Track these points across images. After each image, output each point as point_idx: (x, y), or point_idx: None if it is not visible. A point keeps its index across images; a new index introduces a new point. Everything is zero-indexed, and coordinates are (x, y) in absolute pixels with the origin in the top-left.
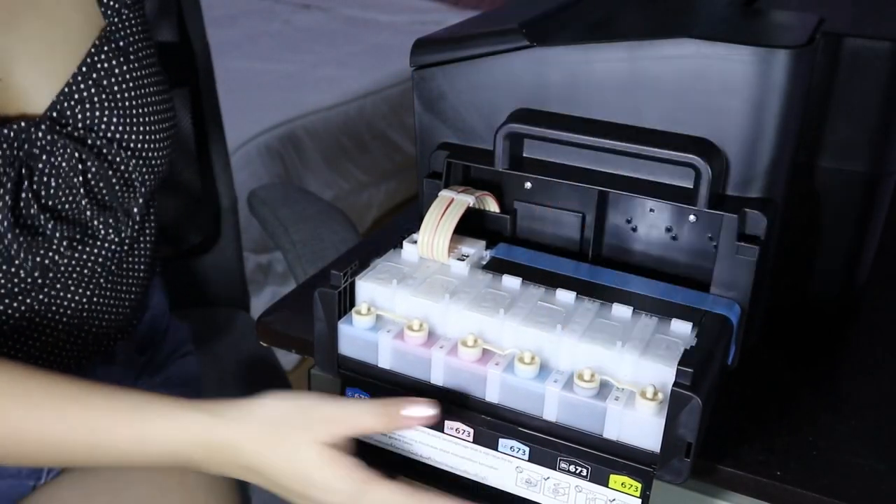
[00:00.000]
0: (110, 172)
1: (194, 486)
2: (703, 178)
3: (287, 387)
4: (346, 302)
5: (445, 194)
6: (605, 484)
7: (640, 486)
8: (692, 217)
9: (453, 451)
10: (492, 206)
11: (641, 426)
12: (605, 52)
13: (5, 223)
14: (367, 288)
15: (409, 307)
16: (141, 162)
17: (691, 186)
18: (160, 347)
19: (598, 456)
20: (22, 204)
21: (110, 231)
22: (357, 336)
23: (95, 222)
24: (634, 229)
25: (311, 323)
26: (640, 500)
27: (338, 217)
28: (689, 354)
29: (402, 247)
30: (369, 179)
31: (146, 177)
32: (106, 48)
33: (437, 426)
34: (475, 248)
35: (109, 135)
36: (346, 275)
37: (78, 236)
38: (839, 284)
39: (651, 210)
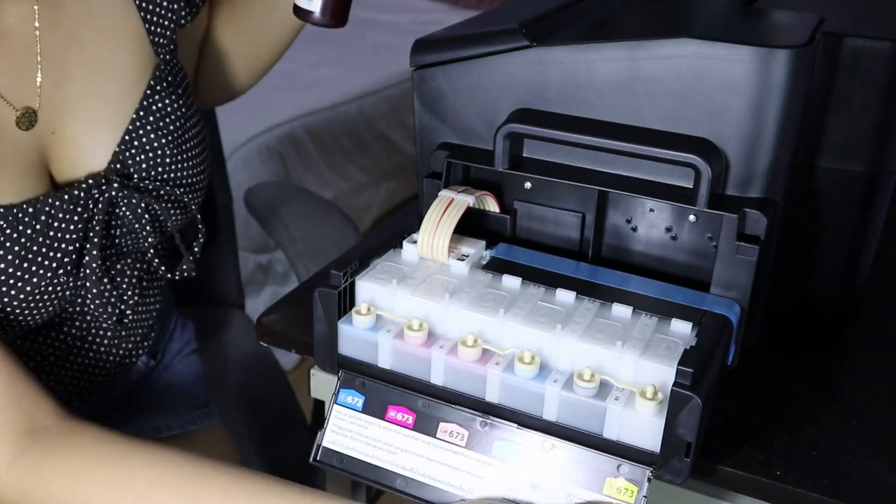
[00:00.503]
0: (169, 212)
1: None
2: (703, 178)
3: (287, 387)
4: (346, 302)
5: (445, 194)
6: (598, 491)
7: (635, 490)
8: (692, 217)
9: (441, 458)
10: (492, 206)
11: (641, 426)
12: (605, 52)
13: (96, 280)
14: (367, 288)
15: (409, 307)
16: (191, 191)
17: (691, 186)
18: (168, 348)
19: (595, 457)
20: (84, 262)
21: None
22: (357, 336)
23: (158, 260)
24: (634, 229)
25: (311, 323)
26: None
27: (338, 215)
28: (689, 354)
29: (402, 247)
30: (369, 179)
31: (195, 199)
32: (159, 87)
33: (430, 430)
34: (475, 248)
35: (166, 175)
36: (346, 275)
37: (146, 277)
38: (839, 284)
39: (651, 210)
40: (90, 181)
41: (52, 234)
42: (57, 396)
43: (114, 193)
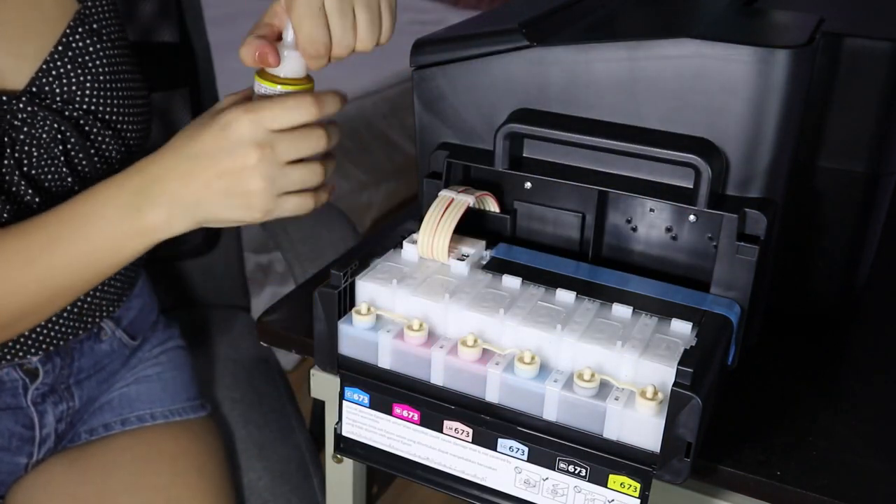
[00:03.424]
0: (87, 144)
1: (184, 468)
2: (703, 178)
3: (287, 387)
4: (346, 302)
5: (445, 194)
6: (603, 484)
7: (639, 486)
8: (692, 217)
9: (452, 451)
10: (492, 206)
11: (641, 426)
12: (605, 52)
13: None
14: (367, 288)
15: (409, 307)
16: (115, 134)
17: (691, 186)
18: (149, 338)
19: (596, 456)
20: (4, 171)
21: None
22: (357, 336)
23: (74, 194)
24: (634, 229)
25: (311, 323)
26: (638, 501)
27: (337, 216)
28: (689, 354)
29: (402, 247)
30: (369, 179)
31: (122, 149)
32: (80, 29)
33: (436, 426)
34: (475, 248)
35: (86, 107)
36: (345, 275)
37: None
38: (839, 284)
39: (651, 210)
40: (3, 97)
41: None
42: (13, 341)
43: (22, 107)
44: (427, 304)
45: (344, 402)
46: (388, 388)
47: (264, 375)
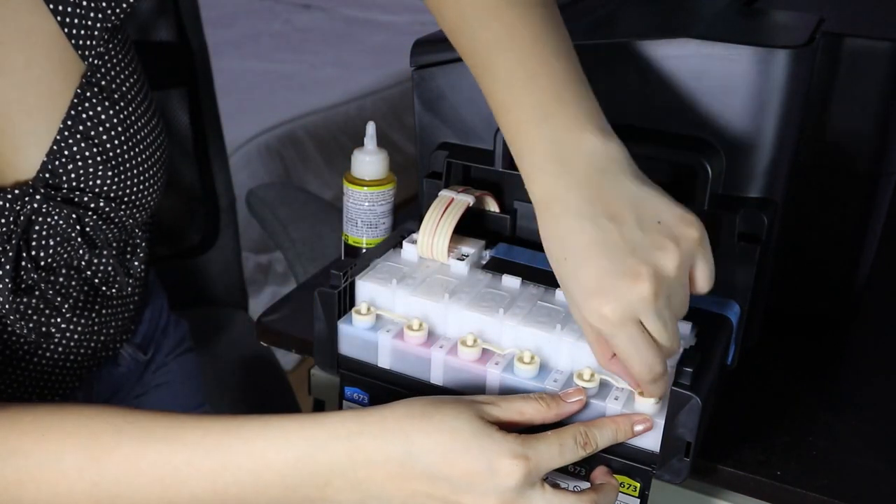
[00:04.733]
0: (102, 223)
1: None
2: (703, 178)
3: (287, 387)
4: (346, 302)
5: (445, 194)
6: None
7: (638, 485)
8: None
9: None
10: (492, 206)
11: None
12: (605, 51)
13: (6, 292)
14: (367, 288)
15: (409, 307)
16: (133, 209)
17: (691, 186)
18: (161, 345)
19: (596, 456)
20: (23, 272)
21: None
22: (357, 336)
23: (86, 260)
24: None
25: (311, 323)
26: (638, 500)
27: (337, 215)
28: (689, 354)
29: (401, 247)
30: None
31: (138, 217)
32: (89, 93)
33: None
34: (475, 248)
35: (97, 189)
36: (345, 274)
37: (88, 290)
38: (839, 284)
39: None
40: (16, 191)
41: None
42: (21, 392)
43: (37, 205)
44: (427, 303)
45: (344, 401)
46: (387, 388)
47: (264, 375)
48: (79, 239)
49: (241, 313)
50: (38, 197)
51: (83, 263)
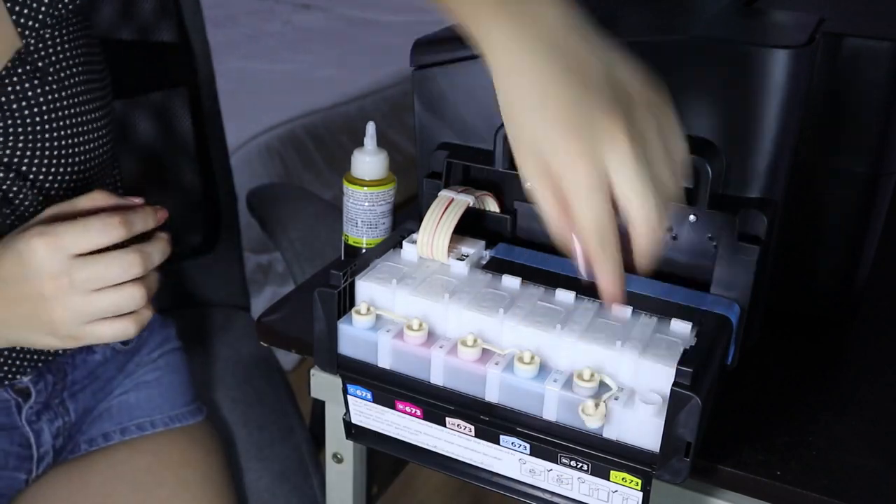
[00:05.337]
0: (2, 200)
1: (188, 477)
2: (703, 178)
3: (287, 387)
4: (346, 302)
5: (445, 194)
6: (606, 478)
7: (640, 480)
8: (692, 217)
9: (458, 442)
10: (492, 206)
11: (641, 426)
12: None
13: None
14: (367, 288)
15: (409, 307)
16: (39, 192)
17: (691, 186)
18: (146, 341)
19: (596, 455)
20: None
21: None
22: (357, 336)
23: None
24: None
25: (311, 323)
26: (641, 494)
27: (337, 216)
28: (689, 354)
29: (401, 247)
30: None
31: (40, 207)
32: (20, 70)
33: (439, 421)
34: (475, 248)
35: (6, 159)
36: (345, 274)
37: None
38: (839, 284)
39: None
40: None
41: None
42: (1, 361)
43: None
44: (427, 303)
45: (348, 396)
46: (388, 388)
47: (264, 375)
48: None
49: (242, 313)
50: None
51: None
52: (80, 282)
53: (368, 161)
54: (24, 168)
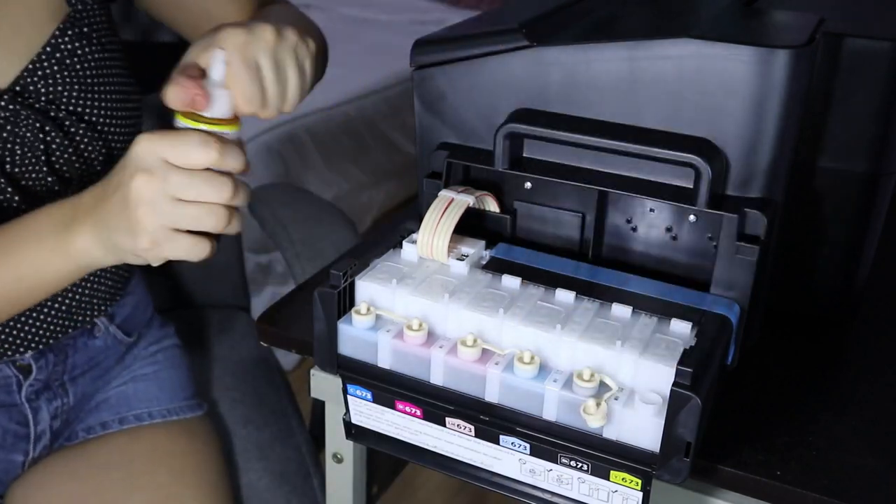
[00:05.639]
0: (70, 144)
1: (182, 467)
2: (703, 178)
3: (287, 387)
4: (346, 302)
5: (445, 194)
6: (606, 478)
7: (640, 480)
8: (692, 217)
9: (458, 442)
10: (492, 206)
11: (641, 426)
12: (604, 52)
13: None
14: (367, 288)
15: (409, 307)
16: (99, 137)
17: (691, 186)
18: (145, 335)
19: (596, 455)
20: None
21: None
22: (357, 336)
23: (55, 195)
24: (634, 229)
25: (311, 323)
26: (641, 494)
27: (337, 216)
28: (689, 354)
29: (401, 247)
30: (369, 179)
31: (104, 152)
32: (70, 32)
33: (439, 421)
34: (475, 248)
35: (70, 108)
36: (345, 274)
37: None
38: (839, 284)
39: (651, 210)
40: None
41: None
42: (4, 338)
43: (5, 104)
44: (427, 303)
45: (348, 396)
46: (388, 388)
47: (264, 375)
48: (43, 158)
49: (242, 314)
50: (6, 98)
51: (46, 187)
52: (172, 186)
53: (213, 95)
54: (91, 118)
